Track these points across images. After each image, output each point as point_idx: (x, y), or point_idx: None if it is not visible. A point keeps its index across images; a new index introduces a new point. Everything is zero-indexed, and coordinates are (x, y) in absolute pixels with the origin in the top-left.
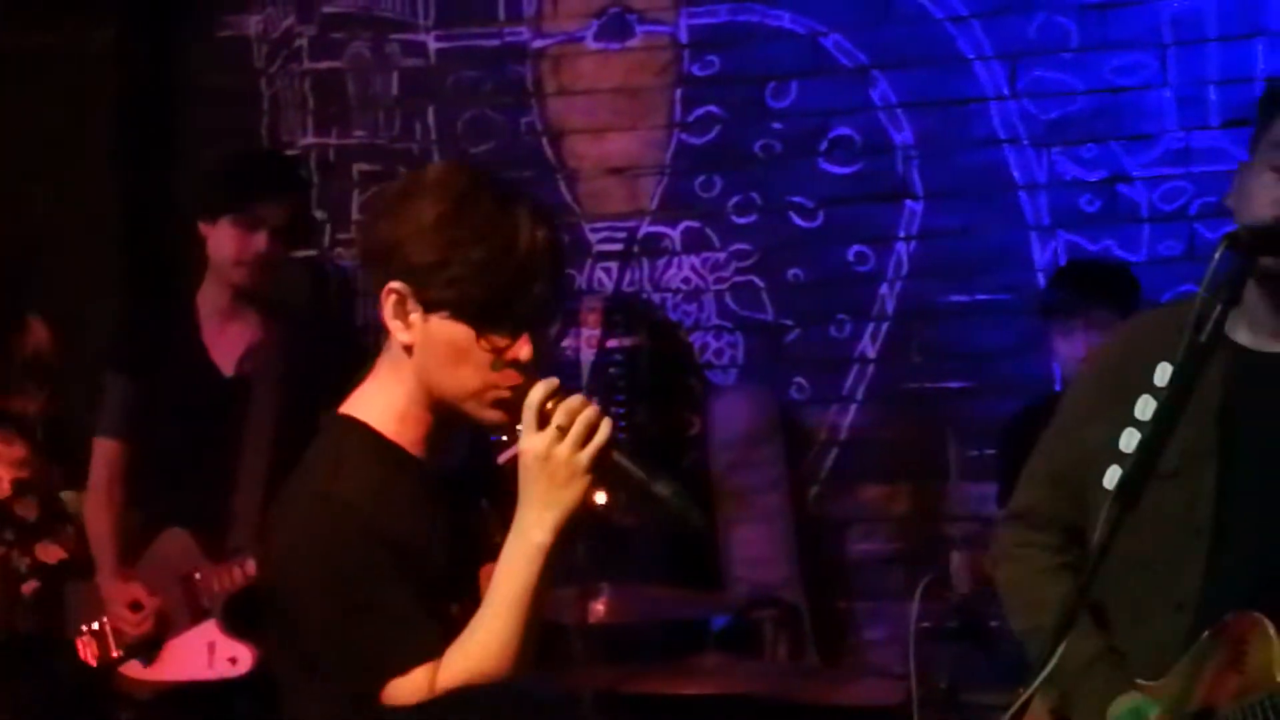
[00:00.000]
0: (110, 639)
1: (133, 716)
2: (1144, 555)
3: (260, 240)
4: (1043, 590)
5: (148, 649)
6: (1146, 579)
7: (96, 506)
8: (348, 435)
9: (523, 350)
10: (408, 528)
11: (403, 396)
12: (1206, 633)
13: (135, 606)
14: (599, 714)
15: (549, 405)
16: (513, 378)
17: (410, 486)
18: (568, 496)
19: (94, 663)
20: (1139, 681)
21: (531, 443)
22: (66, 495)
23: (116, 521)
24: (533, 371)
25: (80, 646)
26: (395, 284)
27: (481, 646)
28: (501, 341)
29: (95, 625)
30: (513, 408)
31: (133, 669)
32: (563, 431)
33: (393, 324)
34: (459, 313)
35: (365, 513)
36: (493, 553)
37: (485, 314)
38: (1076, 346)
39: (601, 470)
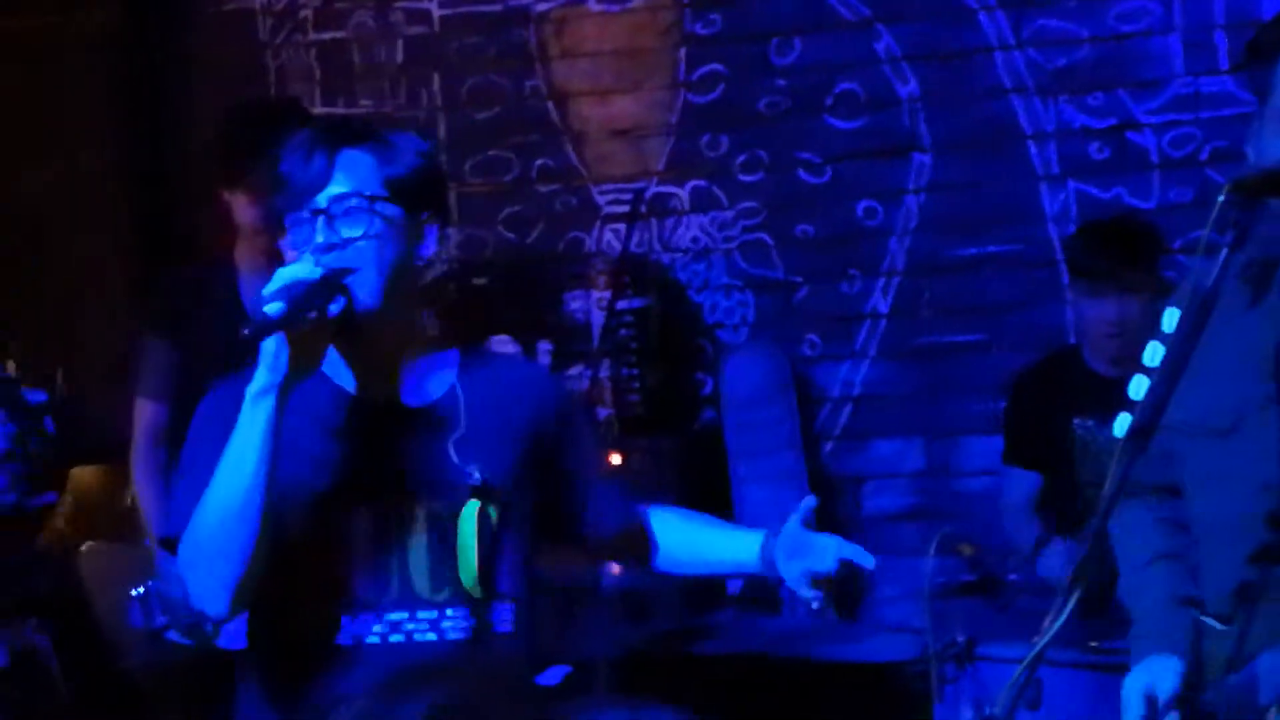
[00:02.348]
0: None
1: (177, 682)
2: (1215, 512)
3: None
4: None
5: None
6: (1220, 536)
7: (142, 469)
8: None
9: None
10: None
11: None
12: None
13: None
14: (618, 675)
15: None
16: None
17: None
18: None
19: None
20: (1208, 621)
21: None
22: (76, 471)
23: (162, 483)
24: None
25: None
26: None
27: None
28: None
29: (143, 589)
30: None
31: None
32: None
33: None
34: None
35: None
36: None
37: None
38: (1107, 309)
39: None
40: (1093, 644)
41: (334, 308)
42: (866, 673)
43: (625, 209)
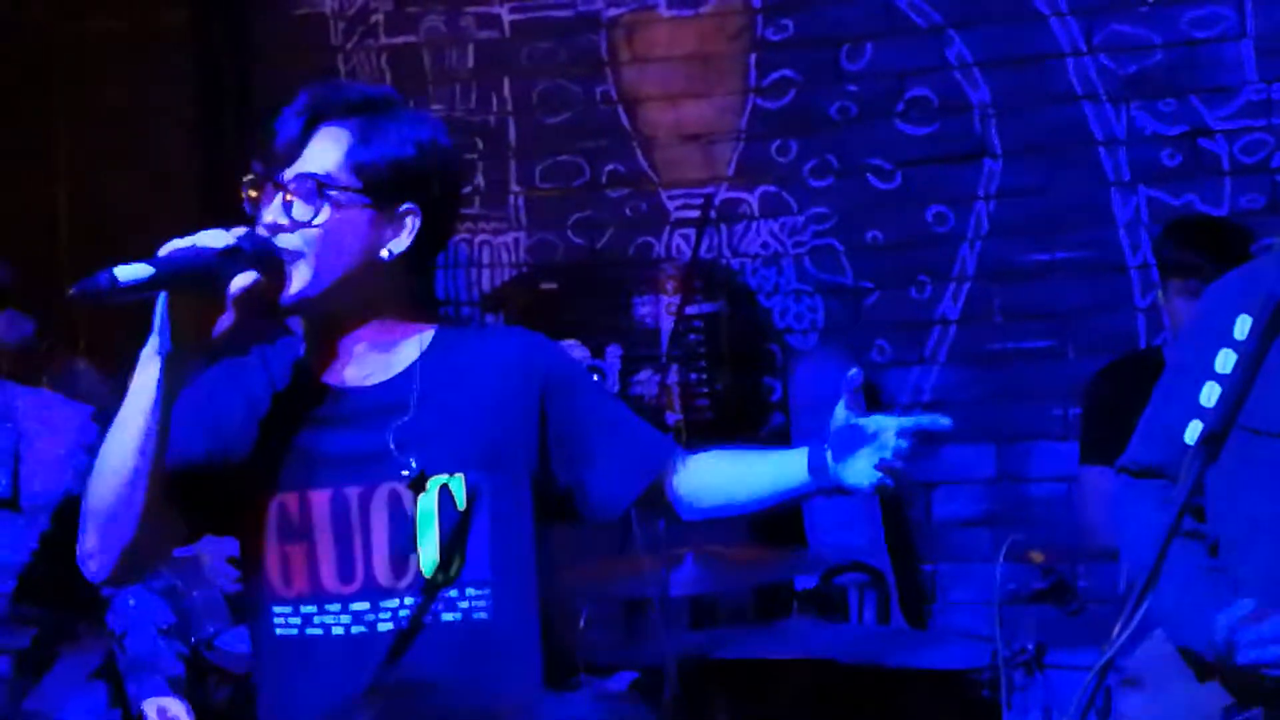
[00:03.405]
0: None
1: (230, 690)
2: (1258, 514)
3: None
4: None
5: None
6: (1266, 534)
7: None
8: None
9: None
10: None
11: None
12: None
13: (233, 560)
14: (685, 680)
15: None
16: None
17: None
18: None
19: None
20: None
21: None
22: None
23: None
24: None
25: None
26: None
27: None
28: None
29: (195, 594)
30: None
31: (225, 642)
32: None
33: None
34: None
35: None
36: None
37: None
38: None
39: None
40: None
41: (236, 285)
42: (935, 680)
43: (695, 214)
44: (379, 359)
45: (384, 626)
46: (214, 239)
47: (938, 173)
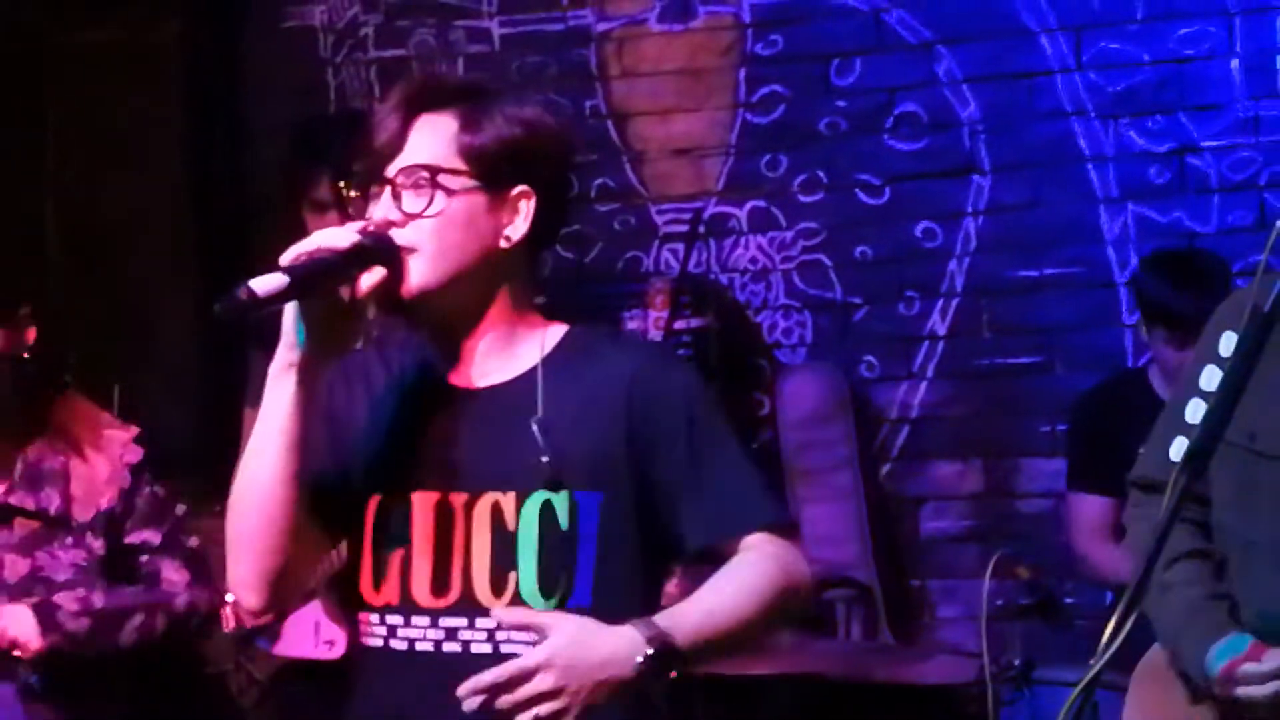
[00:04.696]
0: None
1: (259, 695)
2: (1258, 538)
3: (329, 222)
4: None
5: (273, 624)
6: (1264, 560)
7: None
8: None
9: None
10: None
11: None
12: None
13: None
14: (672, 695)
15: None
16: None
17: None
18: None
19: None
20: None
21: None
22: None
23: None
24: None
25: (224, 615)
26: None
27: None
28: None
29: (231, 597)
30: None
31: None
32: None
33: None
34: None
35: None
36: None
37: None
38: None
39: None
40: None
41: (365, 283)
42: (923, 695)
43: (684, 229)
44: (499, 358)
45: (480, 649)
46: (337, 238)
47: (926, 188)
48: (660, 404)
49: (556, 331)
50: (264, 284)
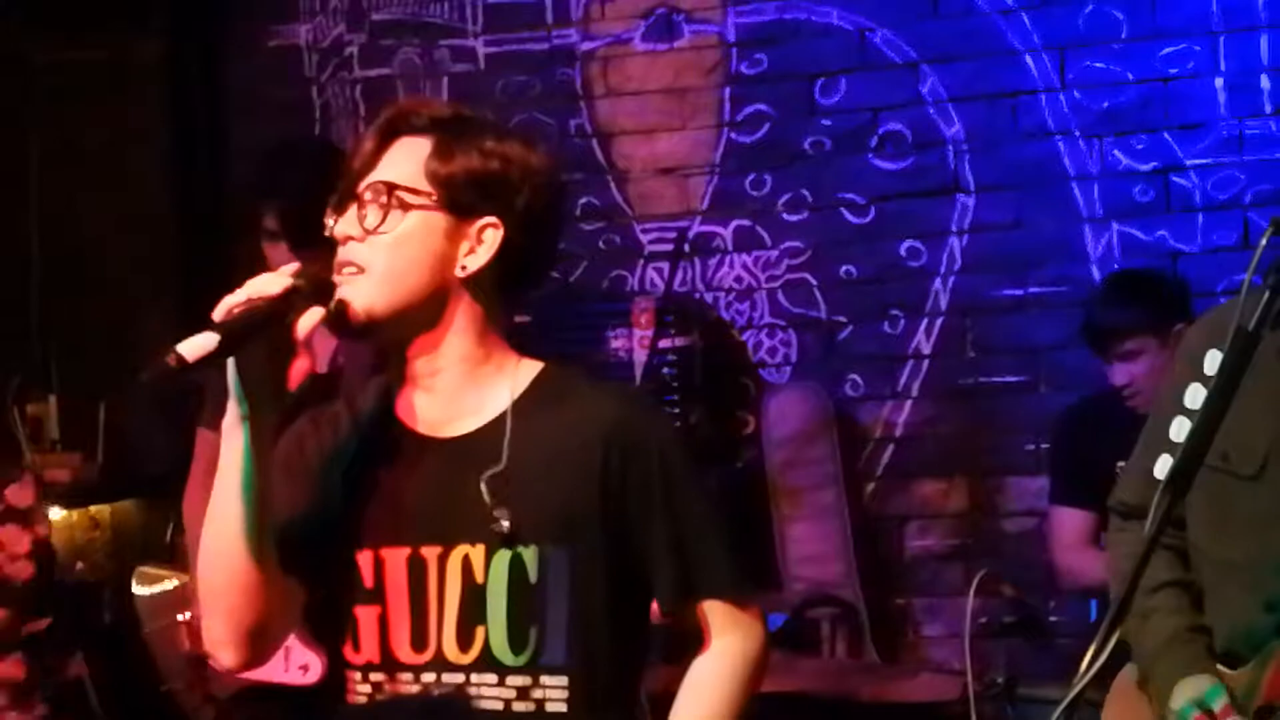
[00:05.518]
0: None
1: (214, 713)
2: (1233, 558)
3: (281, 252)
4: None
5: None
6: (1237, 580)
7: (194, 496)
8: None
9: None
10: None
11: None
12: None
13: None
14: (657, 714)
15: None
16: None
17: None
18: None
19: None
20: (1219, 667)
21: None
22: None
23: None
24: None
25: (179, 635)
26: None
27: None
28: None
29: (188, 615)
30: None
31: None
32: None
33: None
34: None
35: None
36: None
37: None
38: (1116, 374)
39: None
40: None
41: (304, 325)
42: (907, 712)
43: (669, 247)
44: (468, 400)
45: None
46: (268, 284)
47: (911, 207)
48: (636, 459)
49: (529, 371)
50: (193, 347)
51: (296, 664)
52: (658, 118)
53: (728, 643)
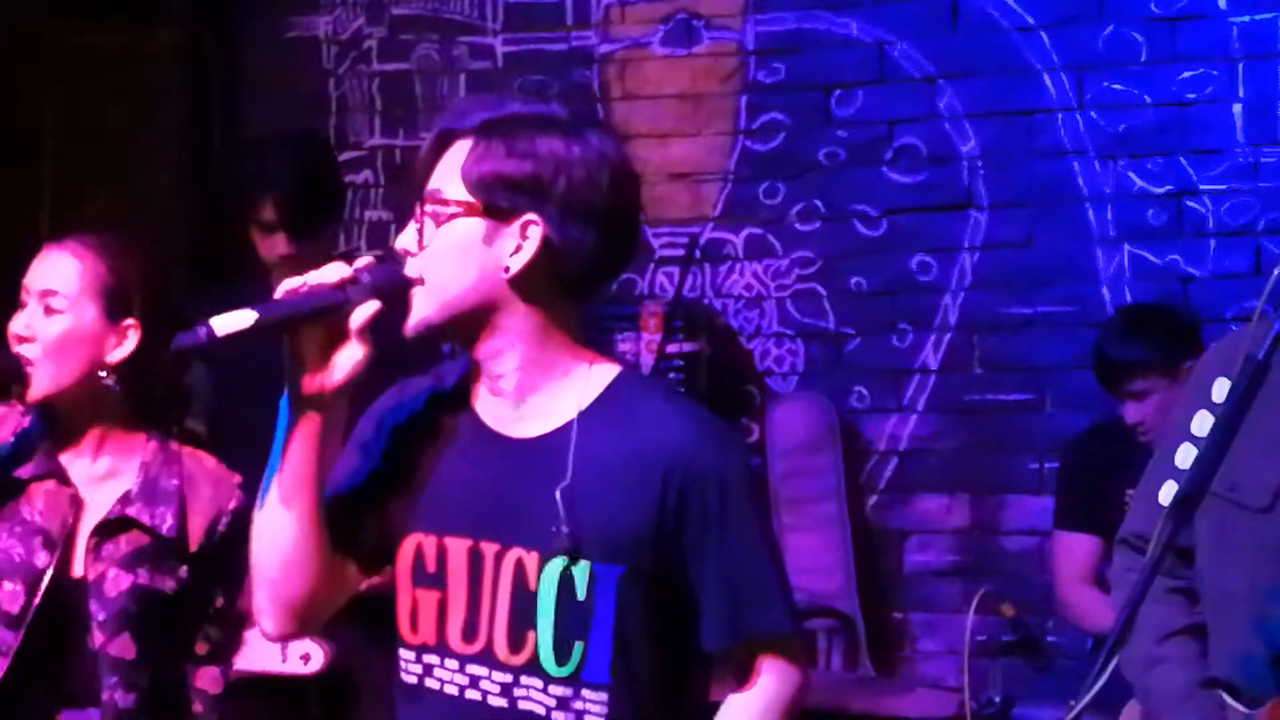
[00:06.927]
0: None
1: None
2: (1233, 587)
3: (277, 243)
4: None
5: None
6: (1235, 609)
7: None
8: None
9: None
10: None
11: None
12: None
13: None
14: None
15: None
16: None
17: None
18: None
19: None
20: (1236, 705)
21: None
22: None
23: None
24: None
25: None
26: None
27: None
28: None
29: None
30: None
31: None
32: None
33: None
34: None
35: None
36: None
37: None
38: (1128, 412)
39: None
40: None
41: (357, 318)
42: None
43: (679, 253)
44: (538, 401)
45: (496, 701)
46: (331, 273)
47: (923, 222)
48: (694, 493)
49: (601, 377)
50: (227, 323)
51: (297, 654)
52: (673, 123)
53: (767, 685)
